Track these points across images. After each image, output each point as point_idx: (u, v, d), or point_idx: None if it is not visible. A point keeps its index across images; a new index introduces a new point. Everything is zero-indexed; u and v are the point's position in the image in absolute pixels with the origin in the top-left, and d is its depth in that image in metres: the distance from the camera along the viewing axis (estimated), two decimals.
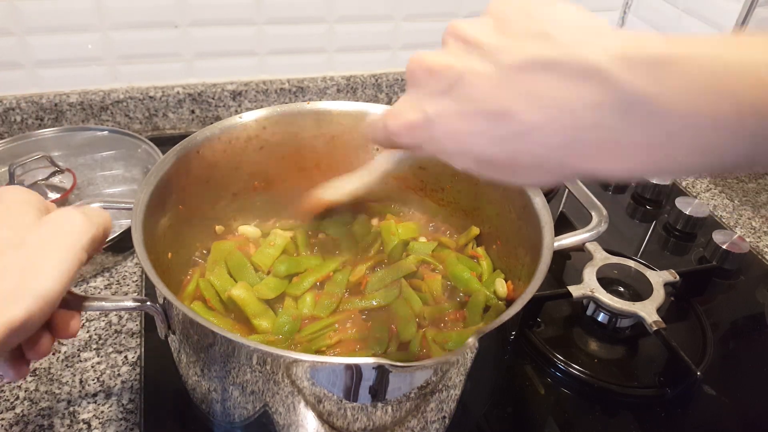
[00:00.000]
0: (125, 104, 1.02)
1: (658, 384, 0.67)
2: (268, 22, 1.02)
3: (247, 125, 0.67)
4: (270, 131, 0.68)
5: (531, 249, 0.57)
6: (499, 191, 0.65)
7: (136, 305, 0.47)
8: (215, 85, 1.05)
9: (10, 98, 0.96)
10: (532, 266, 0.52)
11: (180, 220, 0.62)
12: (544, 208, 0.57)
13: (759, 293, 0.83)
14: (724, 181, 1.07)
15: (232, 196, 0.70)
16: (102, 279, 0.76)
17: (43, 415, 0.60)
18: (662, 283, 0.73)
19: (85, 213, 0.40)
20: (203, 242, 0.68)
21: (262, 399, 0.47)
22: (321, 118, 0.70)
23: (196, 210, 0.65)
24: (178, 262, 0.63)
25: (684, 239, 0.91)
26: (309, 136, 0.71)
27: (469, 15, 1.12)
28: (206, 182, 0.66)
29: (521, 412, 0.64)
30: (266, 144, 0.69)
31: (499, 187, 0.65)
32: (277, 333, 0.58)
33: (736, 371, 0.71)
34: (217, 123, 0.66)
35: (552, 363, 0.68)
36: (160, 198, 0.57)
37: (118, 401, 0.62)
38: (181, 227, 0.63)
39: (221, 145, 0.66)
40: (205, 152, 0.64)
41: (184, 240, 0.65)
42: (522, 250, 0.61)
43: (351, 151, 0.71)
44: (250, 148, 0.68)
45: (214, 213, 0.69)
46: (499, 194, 0.65)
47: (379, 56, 1.12)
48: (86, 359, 0.66)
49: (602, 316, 0.73)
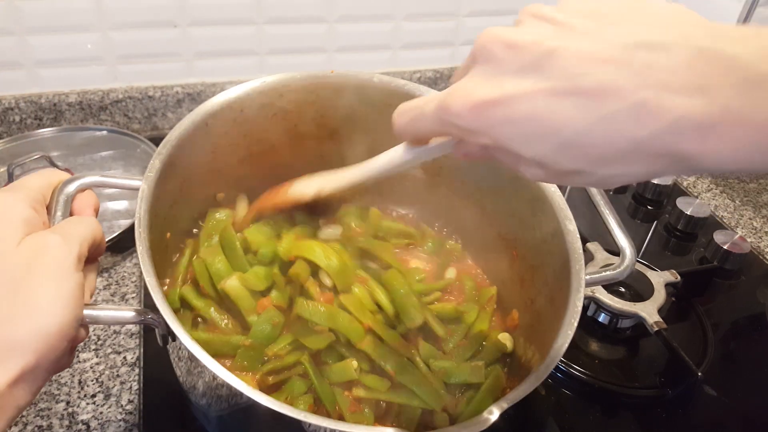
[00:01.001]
0: (124, 104, 1.01)
1: (659, 384, 0.67)
2: (268, 22, 1.02)
3: (263, 91, 0.63)
4: (287, 99, 0.64)
5: (554, 276, 0.53)
6: (529, 207, 0.60)
7: (138, 319, 0.43)
8: (215, 85, 1.05)
9: (9, 98, 0.96)
10: (551, 295, 0.49)
11: (183, 196, 0.59)
12: (576, 242, 0.52)
13: (760, 293, 0.83)
14: (725, 181, 1.07)
15: (237, 162, 0.66)
16: (101, 279, 0.76)
17: (42, 415, 0.60)
18: (663, 283, 0.73)
19: (61, 231, 0.39)
20: (203, 218, 0.65)
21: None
22: (343, 89, 0.65)
23: (199, 184, 0.62)
24: (176, 240, 0.61)
25: (685, 239, 0.91)
26: (327, 106, 0.66)
27: (470, 15, 1.12)
28: (212, 153, 0.62)
29: (522, 412, 0.64)
30: (280, 111, 0.65)
31: (529, 200, 0.60)
32: (254, 338, 0.54)
33: (737, 372, 0.70)
34: (232, 89, 0.61)
35: None
36: (164, 182, 0.54)
37: (117, 402, 0.61)
38: (182, 205, 0.60)
39: (232, 113, 0.62)
40: (215, 122, 0.60)
41: (184, 217, 0.62)
42: (541, 275, 0.58)
43: (370, 124, 0.66)
44: (262, 115, 0.64)
45: (216, 185, 0.66)
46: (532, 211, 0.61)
47: (379, 56, 1.12)
48: (85, 360, 0.66)
49: (603, 317, 0.72)
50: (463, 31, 1.14)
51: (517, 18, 0.33)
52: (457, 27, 1.13)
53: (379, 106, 0.64)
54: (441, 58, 1.16)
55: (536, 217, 0.59)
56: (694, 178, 1.07)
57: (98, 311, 0.41)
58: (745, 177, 1.09)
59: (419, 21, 1.10)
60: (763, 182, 1.08)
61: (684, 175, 0.33)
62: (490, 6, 1.11)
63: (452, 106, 0.33)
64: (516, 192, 0.62)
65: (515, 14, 0.34)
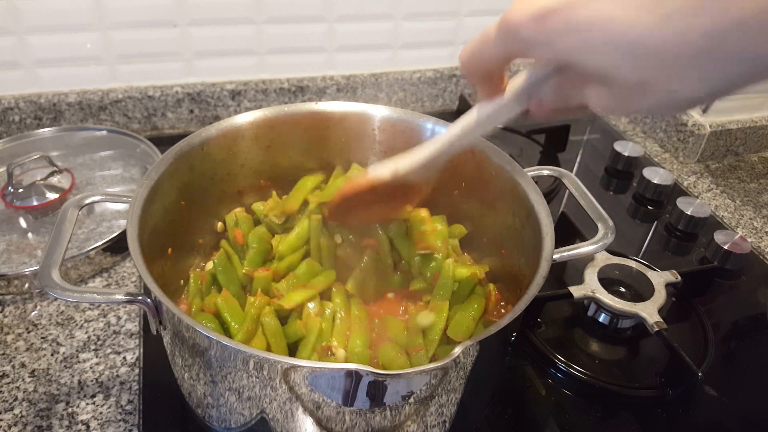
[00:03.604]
0: (124, 104, 1.01)
1: (660, 384, 0.67)
2: (268, 22, 1.02)
3: (254, 124, 0.67)
4: (278, 131, 0.68)
5: (534, 259, 0.55)
6: (506, 198, 0.63)
7: (127, 299, 0.47)
8: (214, 85, 1.05)
9: (8, 98, 0.96)
10: (532, 277, 0.51)
11: (182, 216, 0.62)
12: (547, 218, 0.56)
13: (760, 293, 0.82)
14: (725, 181, 1.07)
15: (236, 193, 0.70)
16: (101, 279, 0.76)
17: (42, 416, 0.60)
18: (663, 283, 0.73)
19: None
20: (205, 238, 0.68)
21: (259, 405, 0.47)
22: (329, 119, 0.70)
23: (199, 206, 0.65)
24: (179, 257, 0.63)
25: (685, 239, 0.90)
26: (317, 137, 0.70)
27: (470, 15, 1.11)
28: (210, 179, 0.66)
29: (522, 413, 0.64)
30: (273, 143, 0.69)
31: (505, 193, 0.62)
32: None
33: (738, 372, 0.70)
34: (224, 121, 0.65)
35: (553, 364, 0.68)
36: (160, 194, 0.57)
37: (117, 402, 0.61)
38: (182, 223, 0.62)
39: (227, 142, 0.65)
40: (211, 149, 0.64)
41: (186, 236, 0.65)
42: (524, 260, 0.60)
43: (359, 153, 0.72)
44: (257, 146, 0.68)
45: (217, 210, 0.69)
46: (505, 201, 0.64)
47: (379, 56, 1.12)
48: (85, 360, 0.65)
49: (603, 317, 0.72)
50: (463, 31, 1.13)
51: None
52: (457, 27, 1.13)
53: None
54: (441, 58, 1.16)
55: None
56: (695, 177, 1.07)
57: (94, 294, 0.47)
58: (746, 177, 1.09)
59: (419, 21, 1.10)
60: (763, 182, 1.08)
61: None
62: (490, 6, 1.11)
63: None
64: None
65: None
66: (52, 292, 0.47)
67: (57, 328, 0.69)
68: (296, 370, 0.42)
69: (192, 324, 0.43)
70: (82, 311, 0.71)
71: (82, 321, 0.70)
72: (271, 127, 0.68)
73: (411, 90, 1.16)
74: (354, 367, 0.40)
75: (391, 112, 0.69)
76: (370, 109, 0.70)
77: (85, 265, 0.74)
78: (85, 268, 0.75)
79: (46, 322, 0.69)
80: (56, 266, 0.49)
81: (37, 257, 0.74)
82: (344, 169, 0.73)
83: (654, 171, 0.98)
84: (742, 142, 1.13)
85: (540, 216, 0.56)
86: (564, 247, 0.55)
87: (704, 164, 1.11)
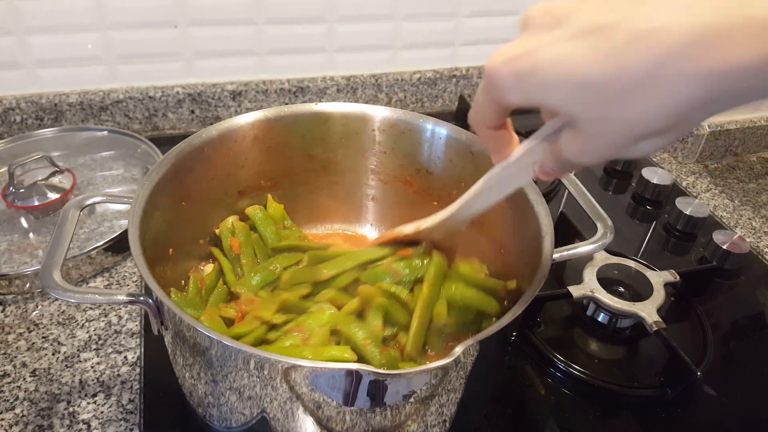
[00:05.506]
0: (125, 104, 1.02)
1: (659, 384, 0.67)
2: (268, 22, 1.02)
3: (255, 124, 0.67)
4: (278, 131, 0.68)
5: (533, 259, 0.55)
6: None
7: (128, 300, 0.47)
8: (215, 85, 1.05)
9: (9, 98, 0.96)
10: (532, 277, 0.51)
11: (183, 217, 0.62)
12: (547, 218, 0.56)
13: (759, 293, 0.83)
14: (724, 181, 1.07)
15: (237, 194, 0.70)
16: (102, 279, 0.76)
17: (43, 415, 0.60)
18: (662, 283, 0.73)
19: None
20: (206, 239, 0.68)
21: (260, 404, 0.47)
22: (330, 120, 0.70)
23: (200, 207, 0.65)
24: (180, 258, 0.63)
25: (684, 239, 0.91)
26: (317, 138, 0.71)
27: (470, 15, 1.12)
28: (211, 179, 0.66)
29: (522, 412, 0.64)
30: (273, 144, 0.69)
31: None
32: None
33: (737, 371, 0.71)
34: (225, 121, 0.65)
35: (552, 363, 0.68)
36: (161, 195, 0.57)
37: (118, 401, 0.62)
38: (183, 224, 0.62)
39: (227, 142, 0.66)
40: (211, 150, 0.64)
41: (187, 236, 0.64)
42: (524, 260, 0.59)
43: (359, 153, 0.72)
44: (257, 147, 0.68)
45: (218, 210, 0.69)
46: (505, 201, 0.62)
47: (379, 56, 1.12)
48: (86, 359, 0.66)
49: (602, 317, 0.73)
50: (463, 31, 1.14)
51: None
52: (457, 27, 1.13)
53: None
54: (441, 58, 1.16)
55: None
56: (694, 178, 1.07)
57: (95, 295, 0.47)
58: (744, 177, 1.09)
59: (419, 21, 1.10)
60: (762, 182, 1.08)
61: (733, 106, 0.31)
62: (490, 6, 1.11)
63: (490, 63, 0.35)
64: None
65: (515, 14, 0.35)
66: (54, 293, 0.47)
67: (58, 328, 0.69)
68: (297, 369, 0.42)
69: (193, 324, 0.43)
70: (83, 311, 0.71)
71: (83, 320, 0.70)
72: (271, 127, 0.68)
73: (411, 90, 1.16)
74: (355, 367, 0.40)
75: (391, 113, 0.70)
76: (370, 110, 0.70)
77: (86, 264, 0.75)
78: (87, 267, 0.75)
79: (47, 322, 0.70)
80: (57, 267, 0.49)
81: (38, 257, 0.75)
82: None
83: (653, 171, 0.99)
84: (740, 143, 1.13)
85: (539, 216, 0.56)
86: (563, 247, 0.55)
87: (703, 164, 1.12)
